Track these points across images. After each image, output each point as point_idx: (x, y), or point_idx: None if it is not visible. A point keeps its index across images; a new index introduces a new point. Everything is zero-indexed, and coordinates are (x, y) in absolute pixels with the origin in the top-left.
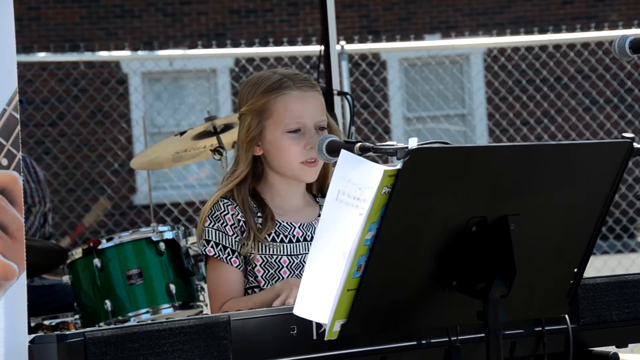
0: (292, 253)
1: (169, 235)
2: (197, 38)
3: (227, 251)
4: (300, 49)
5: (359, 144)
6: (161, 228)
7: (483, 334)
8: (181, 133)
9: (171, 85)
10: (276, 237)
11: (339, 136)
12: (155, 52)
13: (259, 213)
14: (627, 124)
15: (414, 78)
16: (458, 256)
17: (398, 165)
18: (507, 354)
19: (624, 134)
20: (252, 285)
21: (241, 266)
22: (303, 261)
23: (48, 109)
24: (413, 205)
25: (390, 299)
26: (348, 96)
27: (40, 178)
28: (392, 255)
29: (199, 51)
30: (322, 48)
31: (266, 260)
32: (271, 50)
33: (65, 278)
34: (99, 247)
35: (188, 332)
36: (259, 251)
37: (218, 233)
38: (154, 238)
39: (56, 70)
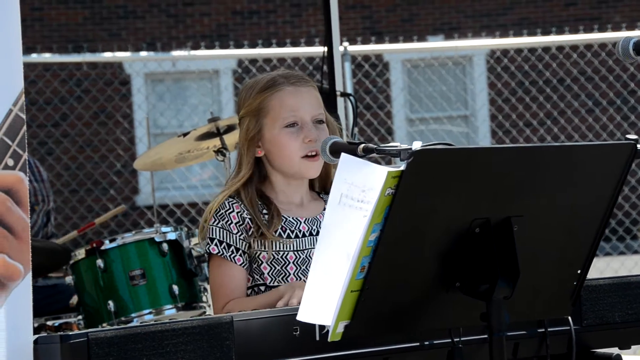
0: (299, 248)
1: (172, 236)
2: (200, 39)
3: (232, 249)
4: (303, 50)
5: (363, 145)
6: (164, 229)
7: (486, 336)
8: (184, 134)
9: (174, 86)
10: (282, 233)
11: (337, 133)
12: (158, 53)
13: (265, 210)
14: (630, 126)
15: (417, 79)
16: (461, 257)
17: (402, 166)
18: (510, 355)
19: (628, 136)
20: (258, 282)
21: (245, 264)
22: (309, 256)
23: (51, 110)
24: (416, 206)
25: (393, 300)
26: (351, 97)
27: (43, 177)
28: (396, 256)
29: (202, 52)
30: (325, 49)
31: (273, 256)
32: (274, 51)
33: (68, 279)
34: (102, 248)
35: (191, 333)
36: (266, 248)
37: (222, 231)
38: (157, 239)
39: (59, 71)
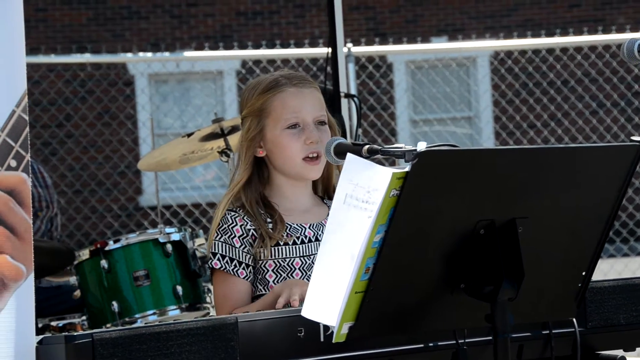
0: (305, 254)
1: (176, 236)
2: (204, 40)
3: (234, 263)
4: (307, 51)
5: (367, 147)
6: (168, 230)
7: (491, 337)
8: (188, 135)
9: (178, 87)
10: (288, 240)
11: (338, 134)
12: (162, 54)
13: (268, 219)
14: (634, 127)
15: (421, 80)
16: (466, 259)
17: (406, 167)
18: (515, 357)
19: (632, 137)
20: (262, 293)
21: (248, 277)
22: (315, 262)
23: (55, 111)
24: (421, 207)
25: (398, 302)
26: (355, 98)
27: (47, 183)
28: (400, 257)
29: (206, 53)
30: (329, 50)
31: (279, 264)
32: (278, 52)
33: (72, 279)
34: (106, 249)
35: (196, 334)
36: (272, 256)
37: (225, 245)
38: (161, 239)
39: (63, 71)
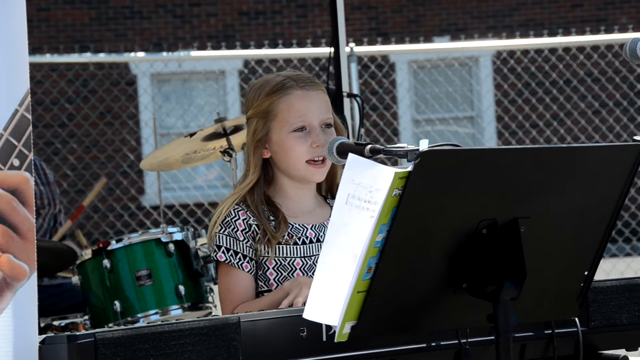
0: (306, 255)
1: (179, 236)
2: (206, 39)
3: (239, 256)
4: (309, 51)
5: (370, 146)
6: (170, 229)
7: (493, 337)
8: (191, 134)
9: (180, 86)
10: (289, 238)
11: (344, 135)
12: (164, 54)
13: (271, 216)
14: (637, 127)
15: (423, 80)
16: (468, 258)
17: (409, 167)
18: (517, 357)
19: (635, 137)
20: (263, 289)
21: (252, 271)
22: (316, 262)
23: (57, 110)
24: (424, 207)
25: (400, 301)
26: (357, 98)
27: (49, 180)
28: (403, 257)
29: (208, 53)
30: (332, 50)
31: (279, 262)
32: (280, 52)
33: (74, 278)
34: (109, 248)
35: (198, 334)
36: (272, 254)
37: (229, 239)
38: (164, 239)
39: (65, 71)
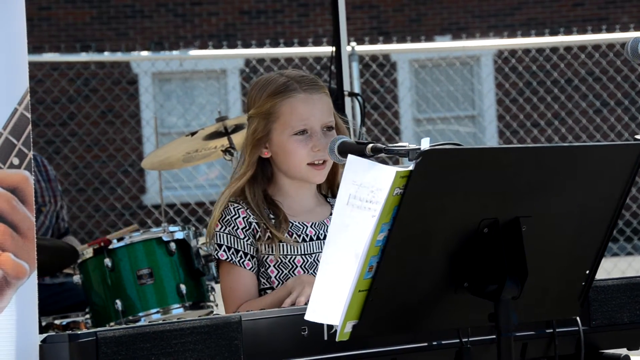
0: (306, 252)
1: (180, 235)
2: (208, 39)
3: (240, 254)
4: (310, 50)
5: (371, 145)
6: (172, 228)
7: (494, 336)
8: (192, 133)
9: (181, 85)
10: (289, 238)
11: (346, 135)
12: (165, 53)
13: (272, 215)
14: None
15: (424, 79)
16: (469, 258)
17: (410, 166)
18: (518, 356)
19: (636, 136)
20: (265, 287)
21: (254, 268)
22: (316, 260)
23: (59, 109)
24: (425, 206)
25: (401, 300)
26: (358, 97)
27: (50, 177)
28: (404, 256)
29: (210, 52)
30: (333, 49)
31: (280, 260)
32: (282, 51)
33: (76, 277)
34: (110, 247)
35: (200, 332)
36: (273, 251)
37: (230, 237)
38: (165, 238)
39: (67, 70)
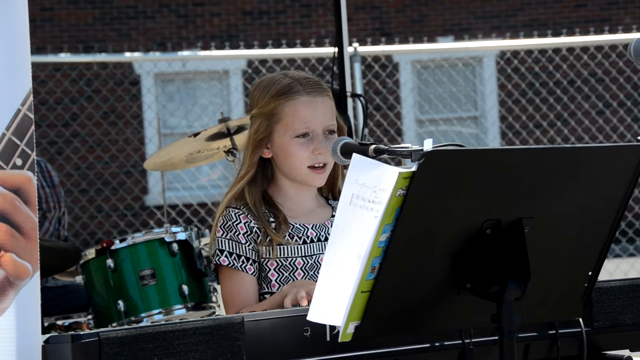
0: (306, 254)
1: (182, 236)
2: (210, 39)
3: (242, 259)
4: (313, 51)
5: (374, 146)
6: (174, 229)
7: (497, 337)
8: (195, 134)
9: (184, 86)
10: (290, 239)
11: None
12: (168, 54)
13: (272, 218)
14: None
15: (427, 80)
16: (472, 258)
17: (413, 167)
18: (521, 357)
19: (639, 137)
20: (265, 291)
21: (255, 273)
22: (317, 262)
23: (61, 110)
24: (428, 207)
25: (404, 301)
26: (361, 98)
27: (55, 183)
28: (406, 257)
29: (212, 52)
30: (336, 50)
31: (281, 263)
32: (284, 51)
33: (78, 278)
34: (112, 248)
35: (202, 333)
36: (273, 255)
37: (231, 242)
38: (167, 239)
39: (69, 71)
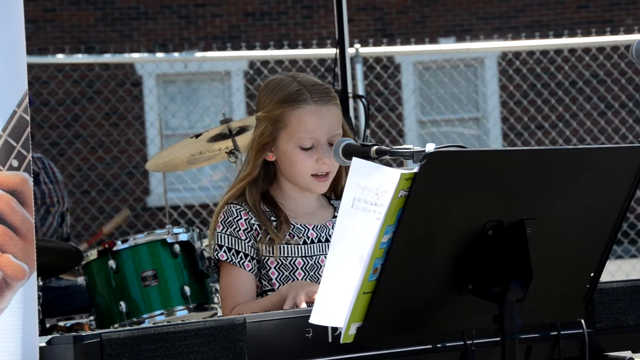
0: (307, 254)
1: (184, 237)
2: (212, 40)
3: (240, 255)
4: (314, 52)
5: (376, 148)
6: (176, 230)
7: (499, 338)
8: (197, 135)
9: (185, 87)
10: (290, 239)
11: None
12: (170, 55)
13: (273, 217)
14: None
15: (428, 81)
16: (474, 260)
17: (415, 168)
18: (523, 358)
19: None
20: (266, 289)
21: (254, 270)
22: (317, 262)
23: (63, 111)
24: (430, 208)
25: (406, 302)
26: (363, 99)
27: (58, 178)
28: (408, 258)
29: (214, 53)
30: (338, 51)
31: (281, 262)
32: (286, 52)
33: (80, 279)
34: (114, 249)
35: (204, 334)
36: (274, 253)
37: (231, 238)
38: (169, 240)
39: (71, 72)
